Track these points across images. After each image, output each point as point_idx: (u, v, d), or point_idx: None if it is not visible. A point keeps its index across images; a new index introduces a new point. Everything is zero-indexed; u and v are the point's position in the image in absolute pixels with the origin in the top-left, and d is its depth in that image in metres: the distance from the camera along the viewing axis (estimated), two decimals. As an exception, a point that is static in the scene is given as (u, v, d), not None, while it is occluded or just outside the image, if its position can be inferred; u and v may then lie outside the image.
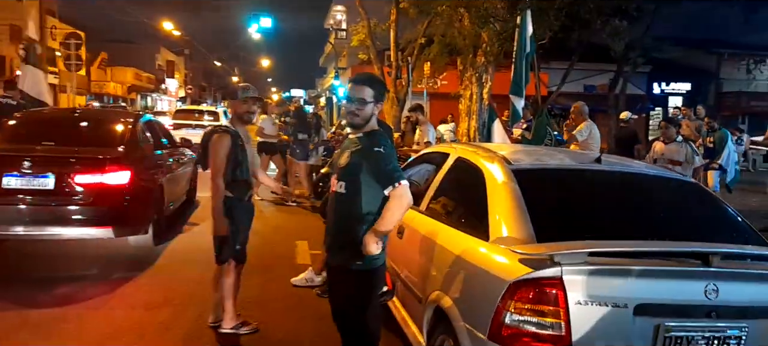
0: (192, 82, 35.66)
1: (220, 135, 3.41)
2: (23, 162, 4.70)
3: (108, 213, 4.83)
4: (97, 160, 4.92)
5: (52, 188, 4.72)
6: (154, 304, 4.15)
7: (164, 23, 29.62)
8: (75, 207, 4.77)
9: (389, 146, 2.47)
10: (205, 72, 44.55)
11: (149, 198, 5.49)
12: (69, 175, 4.74)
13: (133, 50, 33.49)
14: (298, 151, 8.66)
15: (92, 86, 30.85)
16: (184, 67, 35.96)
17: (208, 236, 6.05)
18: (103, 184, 4.82)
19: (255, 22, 22.75)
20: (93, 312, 3.98)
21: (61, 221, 4.75)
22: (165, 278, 4.84)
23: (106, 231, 4.87)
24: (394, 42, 14.01)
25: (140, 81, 33.02)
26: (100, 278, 4.77)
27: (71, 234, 4.85)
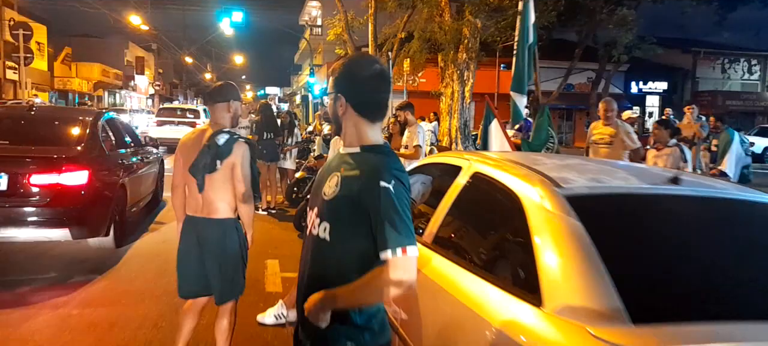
0: (163, 78, 35.05)
1: (243, 145, 2.91)
2: None
3: (64, 214, 4.77)
4: (53, 159, 4.85)
5: (4, 189, 4.65)
6: (111, 306, 4.15)
7: (132, 17, 29.08)
8: (30, 208, 4.70)
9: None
10: (176, 69, 43.93)
11: (109, 199, 5.42)
12: (23, 175, 4.68)
13: (101, 45, 32.72)
14: (265, 152, 8.05)
15: (56, 82, 30.07)
16: (155, 64, 35.34)
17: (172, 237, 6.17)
18: (59, 184, 4.75)
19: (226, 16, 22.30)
20: (48, 314, 3.96)
21: (15, 222, 4.67)
22: (124, 280, 4.81)
23: (62, 233, 4.81)
24: (373, 36, 13.75)
25: (108, 77, 32.29)
26: (57, 280, 4.72)
27: (26, 236, 4.78)
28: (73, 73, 31.52)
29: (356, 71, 1.69)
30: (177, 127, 16.43)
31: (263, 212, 7.99)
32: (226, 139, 2.85)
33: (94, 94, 32.44)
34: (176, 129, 16.27)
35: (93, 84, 32.12)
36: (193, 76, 45.75)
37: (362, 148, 1.65)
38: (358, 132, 1.66)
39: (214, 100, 2.97)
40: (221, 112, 2.96)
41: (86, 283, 4.65)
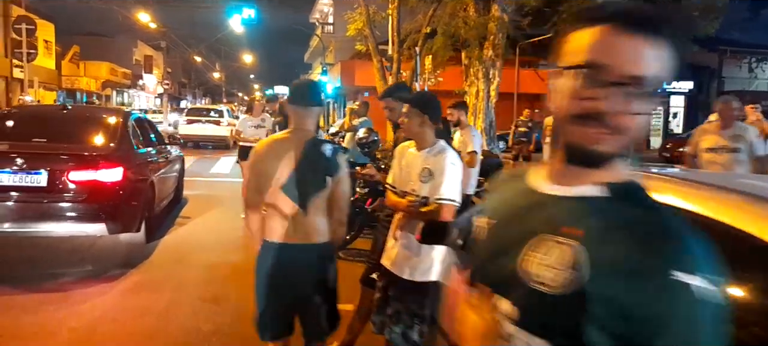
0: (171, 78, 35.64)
1: (343, 156, 2.61)
2: (15, 158, 4.89)
3: (101, 210, 5.03)
4: (91, 157, 5.13)
5: (44, 185, 4.89)
6: (146, 297, 4.42)
7: (141, 15, 29.65)
8: (68, 204, 4.95)
9: None
10: (184, 68, 44.64)
11: (141, 195, 5.67)
12: (62, 172, 4.93)
13: (109, 44, 33.45)
14: None
15: (63, 81, 30.72)
16: (163, 63, 35.96)
17: (202, 223, 6.87)
18: (96, 181, 5.01)
19: (237, 13, 22.58)
20: (90, 303, 4.22)
21: (54, 217, 4.93)
22: (156, 272, 5.09)
23: (99, 228, 5.07)
24: (396, 31, 13.29)
25: (116, 76, 32.96)
26: (94, 273, 4.96)
27: (64, 230, 5.04)
28: (81, 72, 32.20)
29: None
30: (204, 126, 18.88)
31: None
32: (332, 150, 2.48)
33: (102, 93, 33.10)
34: (203, 126, 18.86)
35: (101, 83, 32.79)
36: (202, 74, 46.38)
37: (615, 191, 0.86)
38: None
39: (304, 102, 2.54)
40: (310, 116, 2.54)
41: (121, 276, 4.91)
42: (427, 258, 2.66)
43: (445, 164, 2.61)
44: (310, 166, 2.44)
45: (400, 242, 2.74)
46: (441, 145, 2.72)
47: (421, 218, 2.55)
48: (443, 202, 2.56)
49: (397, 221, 2.81)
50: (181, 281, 4.86)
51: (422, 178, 2.65)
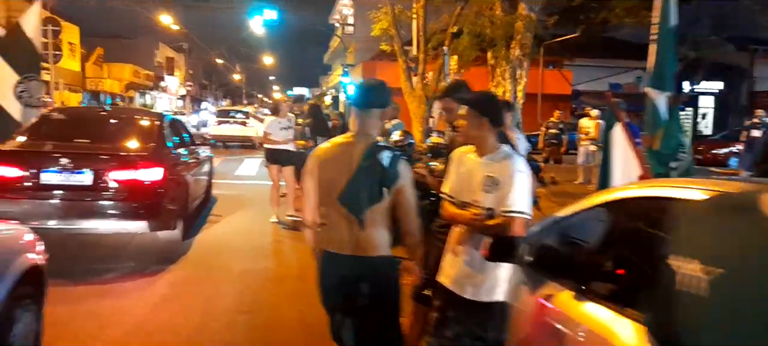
0: (192, 79, 36.23)
1: (406, 164, 2.40)
2: (61, 158, 5.09)
3: (143, 208, 5.23)
4: (132, 157, 5.35)
5: (90, 184, 5.10)
6: (189, 290, 4.73)
7: (162, 17, 30.15)
8: (111, 202, 5.16)
9: None
10: (205, 70, 45.29)
11: (179, 194, 5.89)
12: (106, 171, 5.13)
13: (131, 46, 34.03)
14: None
15: (88, 83, 31.40)
16: (185, 65, 36.56)
17: (232, 226, 7.01)
18: (138, 180, 5.20)
19: (258, 14, 22.77)
20: (137, 296, 4.50)
21: (98, 215, 5.14)
22: (195, 268, 5.36)
23: (141, 225, 5.29)
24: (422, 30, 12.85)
25: (138, 78, 33.53)
26: (137, 269, 5.19)
27: (107, 228, 5.28)
28: (104, 74, 32.83)
29: None
30: (232, 126, 20.14)
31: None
32: (391, 158, 2.29)
33: (126, 94, 33.75)
34: (231, 127, 20.10)
35: (124, 85, 33.41)
36: (222, 76, 47.06)
37: None
38: None
39: (363, 103, 2.39)
40: (370, 119, 2.38)
41: (161, 272, 5.12)
42: (491, 276, 2.46)
43: (511, 172, 2.39)
44: (366, 175, 2.28)
45: (461, 258, 2.52)
46: (505, 151, 2.50)
47: (488, 233, 2.33)
48: (513, 215, 2.34)
49: (457, 234, 2.58)
50: (219, 274, 5.19)
51: (486, 187, 2.43)
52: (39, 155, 5.23)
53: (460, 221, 2.54)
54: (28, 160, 5.11)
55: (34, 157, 5.18)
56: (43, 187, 5.05)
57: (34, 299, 3.00)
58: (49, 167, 5.08)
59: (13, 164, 5.07)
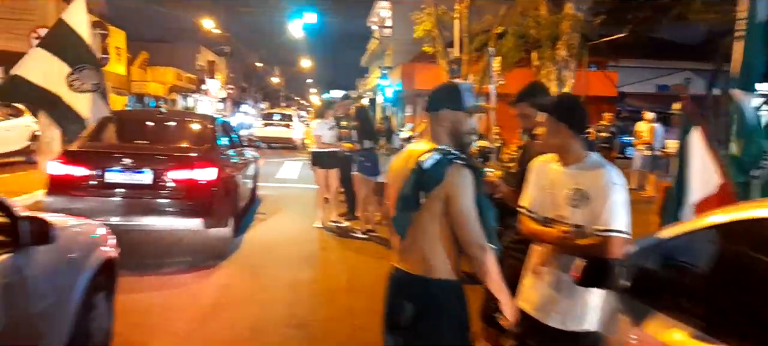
0: (233, 82, 37.19)
1: (461, 169, 2.02)
2: (124, 159, 5.41)
3: (198, 206, 5.47)
4: (189, 157, 5.63)
5: (150, 183, 5.40)
6: (241, 282, 5.07)
7: (204, 21, 31.08)
8: (169, 200, 5.42)
9: None
10: (245, 72, 46.38)
11: (230, 193, 6.16)
12: (164, 171, 5.42)
13: (174, 50, 35.21)
14: (367, 165, 6.99)
15: (133, 86, 32.63)
16: (226, 68, 37.58)
17: (277, 228, 7.42)
18: (194, 180, 5.48)
19: (298, 17, 23.13)
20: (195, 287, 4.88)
21: (157, 212, 5.41)
22: (246, 263, 5.68)
23: (196, 223, 5.50)
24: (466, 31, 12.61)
25: (181, 81, 34.67)
26: (193, 264, 5.50)
27: (165, 225, 5.54)
28: (148, 77, 34.08)
29: None
30: (276, 128, 21.88)
31: (363, 236, 6.96)
32: (436, 160, 2.01)
33: (168, 97, 34.93)
34: (276, 129, 21.82)
35: (168, 88, 34.59)
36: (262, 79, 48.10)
37: None
38: None
39: (432, 105, 2.17)
40: (437, 122, 2.14)
41: (215, 266, 5.44)
42: (581, 302, 2.22)
43: (604, 183, 2.14)
44: (407, 181, 2.05)
45: (545, 281, 2.30)
46: (595, 159, 2.24)
47: (579, 254, 2.08)
48: (610, 234, 2.08)
49: (540, 253, 2.35)
50: (269, 269, 5.53)
51: (573, 201, 2.19)
52: (104, 156, 5.56)
53: (544, 239, 2.30)
54: (93, 160, 5.43)
55: (100, 158, 5.50)
56: (107, 185, 5.37)
57: (108, 289, 3.25)
58: (113, 167, 5.40)
59: (80, 164, 5.40)
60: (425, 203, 2.02)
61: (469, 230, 2.01)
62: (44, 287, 2.58)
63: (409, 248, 2.10)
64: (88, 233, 3.22)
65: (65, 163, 5.40)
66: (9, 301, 2.31)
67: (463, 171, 2.03)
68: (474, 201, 2.03)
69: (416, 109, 30.86)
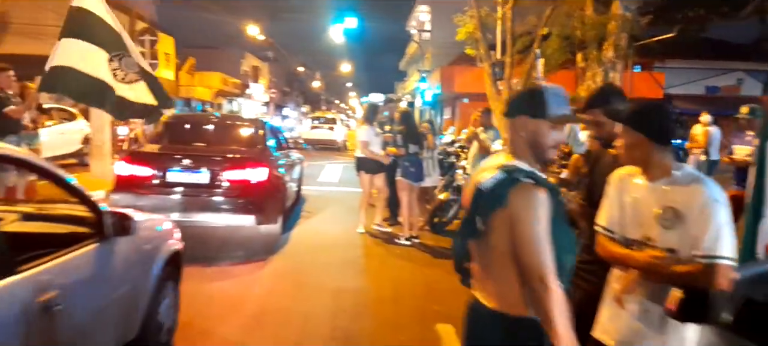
0: (275, 86, 38.19)
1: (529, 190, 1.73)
2: (183, 159, 5.89)
3: (251, 204, 5.87)
4: (242, 159, 6.06)
5: (207, 182, 5.85)
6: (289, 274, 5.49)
7: (249, 28, 32.02)
8: (224, 198, 5.86)
9: None
10: (287, 77, 47.51)
11: (280, 192, 6.60)
12: (220, 171, 5.86)
13: (220, 56, 36.50)
14: (412, 170, 6.88)
15: (181, 91, 33.89)
16: (268, 73, 38.64)
17: (321, 231, 7.62)
18: (247, 180, 5.91)
19: (339, 22, 23.32)
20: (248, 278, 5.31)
21: (213, 209, 5.84)
22: (293, 257, 6.08)
23: (249, 219, 5.89)
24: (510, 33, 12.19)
25: (227, 86, 35.89)
26: (246, 257, 5.91)
27: (220, 221, 5.95)
28: (195, 82, 35.39)
29: None
30: (323, 131, 24.37)
31: (406, 242, 6.83)
32: (497, 180, 1.76)
33: (214, 102, 36.16)
34: (321, 132, 24.21)
35: (214, 92, 35.82)
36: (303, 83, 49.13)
37: None
38: None
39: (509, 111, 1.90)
40: (514, 130, 1.85)
41: (266, 259, 5.84)
42: (674, 337, 1.96)
43: (704, 201, 1.88)
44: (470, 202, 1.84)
45: (630, 311, 2.05)
46: (689, 173, 2.00)
47: (675, 282, 1.85)
48: (715, 261, 1.83)
49: (623, 280, 2.08)
50: (316, 264, 5.95)
51: (664, 222, 1.95)
52: (165, 157, 6.01)
53: (630, 264, 2.03)
54: (156, 161, 5.89)
55: (161, 159, 5.95)
56: (169, 184, 5.81)
57: (174, 278, 3.57)
58: (173, 167, 5.86)
59: (144, 164, 5.87)
60: (488, 228, 1.75)
61: (531, 258, 1.68)
62: (124, 274, 2.87)
63: (484, 278, 1.85)
64: (157, 227, 3.54)
65: (131, 164, 5.87)
66: (96, 286, 2.59)
67: (531, 192, 1.73)
68: (546, 228, 1.71)
69: (455, 112, 31.00)
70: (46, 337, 2.02)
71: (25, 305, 1.93)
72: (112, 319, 2.77)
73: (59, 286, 2.16)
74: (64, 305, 2.15)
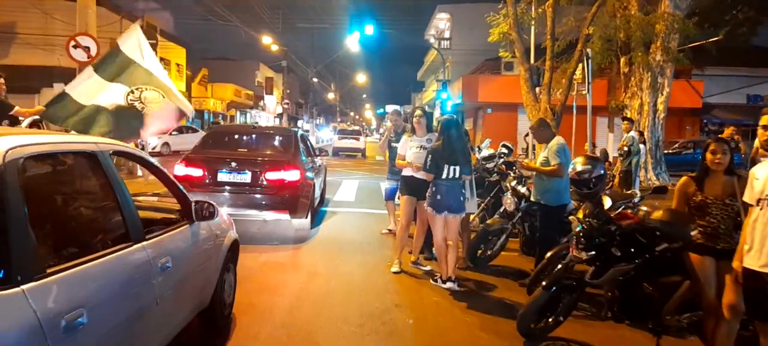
0: (289, 98, 38.61)
1: None
2: (231, 162, 6.87)
3: (286, 201, 6.79)
4: (279, 162, 7.04)
5: (248, 181, 6.77)
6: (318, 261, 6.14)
7: (264, 38, 32.44)
8: (264, 195, 6.76)
9: None
10: (302, 88, 47.94)
11: (309, 191, 7.43)
12: (260, 173, 6.80)
13: (234, 67, 37.09)
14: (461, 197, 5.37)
15: (193, 103, 34.40)
16: (283, 84, 39.13)
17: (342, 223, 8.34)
18: (283, 180, 6.82)
19: (357, 29, 23.29)
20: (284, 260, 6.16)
21: (254, 205, 6.73)
22: (320, 246, 6.79)
23: (284, 215, 6.82)
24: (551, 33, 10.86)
25: (239, 97, 36.33)
26: (282, 243, 6.88)
27: (260, 216, 6.84)
28: (208, 94, 35.88)
29: None
30: (349, 140, 27.51)
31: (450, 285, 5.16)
32: None
33: (227, 113, 36.62)
34: (347, 141, 27.49)
35: (226, 104, 36.30)
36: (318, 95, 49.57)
37: None
38: None
39: None
40: None
41: (298, 246, 6.75)
42: None
43: None
44: None
45: None
46: None
47: None
48: None
49: None
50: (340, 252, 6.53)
51: None
52: (215, 160, 6.99)
53: None
54: (208, 164, 6.89)
55: (212, 162, 6.94)
56: (219, 183, 6.78)
57: (234, 261, 4.23)
58: (222, 169, 6.83)
59: (198, 166, 6.85)
60: None
61: None
62: (206, 252, 3.56)
63: None
64: (223, 218, 4.10)
65: (187, 166, 6.87)
66: (190, 257, 3.27)
67: None
68: None
69: (477, 122, 30.95)
70: (162, 289, 2.77)
71: (152, 263, 2.70)
72: (197, 285, 3.42)
73: (169, 252, 2.92)
74: (172, 268, 2.88)
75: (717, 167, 3.46)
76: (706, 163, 3.50)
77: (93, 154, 2.51)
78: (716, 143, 3.54)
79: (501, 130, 22.83)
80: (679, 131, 23.16)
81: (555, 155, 5.17)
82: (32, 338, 1.73)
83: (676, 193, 3.65)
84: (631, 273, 3.68)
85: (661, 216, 3.62)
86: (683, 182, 3.62)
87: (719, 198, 3.45)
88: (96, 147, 2.55)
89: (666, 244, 3.59)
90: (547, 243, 4.95)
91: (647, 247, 3.65)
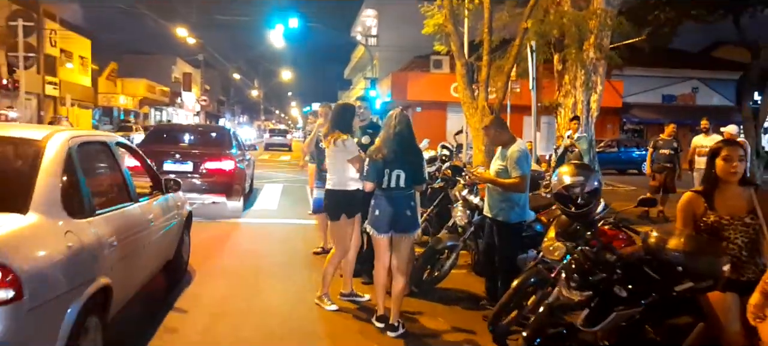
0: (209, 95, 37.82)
1: None
2: (175, 154, 8.66)
3: (223, 186, 8.54)
4: (216, 153, 8.82)
5: (191, 170, 8.50)
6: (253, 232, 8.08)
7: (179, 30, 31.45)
8: (204, 182, 8.47)
9: None
10: (223, 85, 47.05)
11: (242, 179, 9.23)
12: (201, 163, 8.58)
13: (148, 62, 35.81)
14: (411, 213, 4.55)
15: (100, 99, 32.87)
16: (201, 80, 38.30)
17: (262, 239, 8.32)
18: (220, 169, 8.64)
19: (281, 23, 22.19)
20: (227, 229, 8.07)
21: (196, 190, 8.18)
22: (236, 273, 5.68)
23: (222, 198, 8.62)
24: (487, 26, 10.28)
25: (154, 94, 35.15)
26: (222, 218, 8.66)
27: (203, 199, 8.33)
28: (118, 90, 34.49)
29: None
30: (278, 137, 34.60)
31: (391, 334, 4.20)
32: None
33: (140, 110, 35.36)
34: (277, 138, 34.41)
35: (138, 100, 35.05)
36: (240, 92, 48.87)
37: None
38: None
39: None
40: None
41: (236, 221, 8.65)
42: None
43: None
44: None
45: None
46: None
47: None
48: None
49: None
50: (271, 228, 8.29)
51: None
52: (161, 153, 8.44)
53: None
54: (156, 156, 7.60)
55: (159, 154, 8.18)
56: (164, 172, 7.59)
57: (188, 226, 5.64)
58: (167, 159, 8.48)
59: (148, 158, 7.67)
60: None
61: None
62: (173, 215, 4.91)
63: None
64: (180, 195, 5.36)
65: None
66: (165, 218, 4.58)
67: None
68: None
69: (409, 122, 31.52)
70: (149, 236, 4.08)
71: (144, 217, 4.06)
72: (167, 239, 4.75)
73: (152, 211, 4.31)
74: (154, 223, 4.22)
75: (732, 178, 2.89)
76: (717, 173, 2.92)
77: (107, 143, 3.93)
78: (730, 148, 2.93)
79: (431, 129, 23.30)
80: (601, 130, 24.84)
81: (516, 165, 4.33)
82: (96, 248, 3.04)
83: (679, 214, 3.03)
84: (637, 318, 3.01)
85: (682, 245, 2.84)
86: (688, 199, 3.00)
87: (737, 217, 2.88)
88: (108, 139, 4.06)
89: (691, 283, 2.84)
90: (508, 266, 4.35)
91: (661, 285, 2.93)
